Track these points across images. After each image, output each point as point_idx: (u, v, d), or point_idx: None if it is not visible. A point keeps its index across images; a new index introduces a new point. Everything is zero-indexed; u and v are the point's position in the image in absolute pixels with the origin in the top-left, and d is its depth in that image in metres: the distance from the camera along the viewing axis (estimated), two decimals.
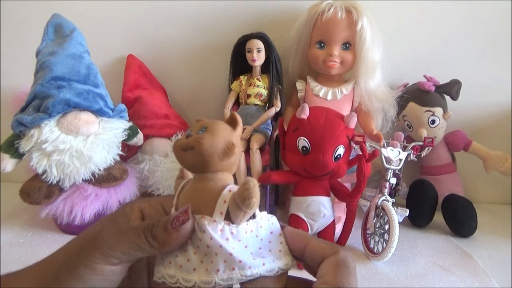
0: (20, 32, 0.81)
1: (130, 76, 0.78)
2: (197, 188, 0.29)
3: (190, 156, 0.29)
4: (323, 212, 0.61)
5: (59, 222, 0.63)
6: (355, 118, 0.62)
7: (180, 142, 0.29)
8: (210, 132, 0.29)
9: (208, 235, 0.26)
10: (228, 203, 0.27)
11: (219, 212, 0.27)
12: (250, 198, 0.25)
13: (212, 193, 0.28)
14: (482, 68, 0.82)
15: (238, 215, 0.27)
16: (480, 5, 0.78)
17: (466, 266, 0.60)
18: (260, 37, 0.70)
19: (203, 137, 0.28)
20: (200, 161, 0.28)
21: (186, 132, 0.30)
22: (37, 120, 0.58)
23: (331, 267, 0.27)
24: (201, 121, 0.31)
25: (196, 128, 0.30)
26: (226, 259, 0.26)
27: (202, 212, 0.27)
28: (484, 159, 0.79)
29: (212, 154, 0.28)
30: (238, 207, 0.26)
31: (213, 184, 0.29)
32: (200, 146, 0.28)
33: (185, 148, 0.29)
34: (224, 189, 0.28)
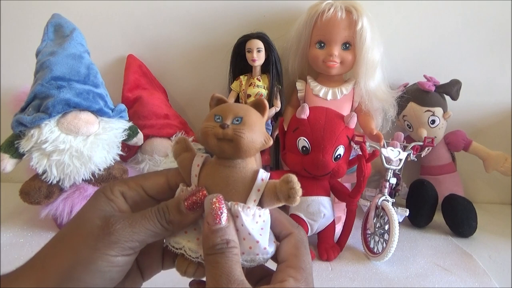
0: (20, 32, 0.81)
1: (130, 76, 0.78)
2: (226, 174, 0.29)
3: (225, 147, 0.28)
4: (323, 212, 0.61)
5: (59, 222, 0.63)
6: (355, 118, 0.62)
7: (216, 133, 0.28)
8: (248, 126, 0.28)
9: (240, 221, 0.27)
10: (261, 192, 0.28)
11: (253, 200, 0.28)
12: (295, 196, 0.27)
13: (245, 181, 0.29)
14: (482, 68, 0.82)
15: (273, 205, 0.29)
16: (480, 5, 0.78)
17: (466, 266, 0.60)
18: (260, 37, 0.70)
19: (243, 131, 0.28)
20: (236, 153, 0.28)
21: (214, 116, 0.29)
22: (37, 120, 0.58)
23: (292, 249, 0.29)
24: (230, 106, 0.30)
25: (229, 115, 0.29)
26: (252, 246, 0.28)
27: (234, 199, 0.28)
28: (484, 159, 0.79)
29: (250, 149, 0.28)
30: (277, 200, 0.28)
31: (244, 171, 0.29)
32: (240, 140, 0.28)
33: (222, 139, 0.28)
34: (257, 178, 0.28)
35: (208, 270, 0.26)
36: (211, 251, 0.26)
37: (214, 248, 0.26)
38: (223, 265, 0.25)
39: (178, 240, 0.29)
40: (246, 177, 0.29)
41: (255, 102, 0.31)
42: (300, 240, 0.30)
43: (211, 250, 0.26)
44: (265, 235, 0.29)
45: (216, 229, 0.26)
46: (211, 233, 0.26)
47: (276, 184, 0.28)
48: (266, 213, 0.29)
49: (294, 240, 0.29)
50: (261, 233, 0.28)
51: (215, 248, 0.26)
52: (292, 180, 0.27)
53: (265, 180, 0.29)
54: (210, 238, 0.26)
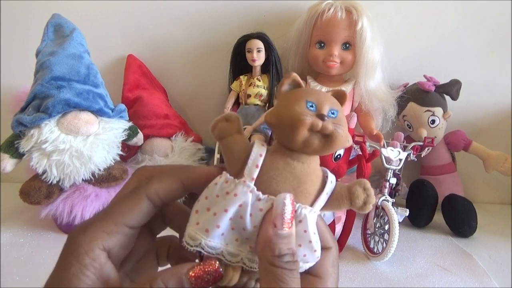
0: (20, 32, 0.81)
1: (130, 76, 0.78)
2: (300, 171, 0.25)
3: (316, 142, 0.24)
4: (323, 212, 0.61)
5: (59, 222, 0.63)
6: (355, 118, 0.62)
7: (313, 123, 0.24)
8: (344, 121, 0.25)
9: (304, 227, 0.24)
10: (329, 195, 0.26)
11: (319, 204, 0.26)
12: (371, 204, 0.25)
13: (317, 182, 0.26)
14: (482, 68, 0.82)
15: (334, 209, 0.27)
16: (480, 5, 0.78)
17: (466, 266, 0.60)
18: (260, 37, 0.70)
19: (341, 127, 0.25)
20: (324, 150, 0.25)
21: (306, 102, 0.25)
22: (37, 120, 0.58)
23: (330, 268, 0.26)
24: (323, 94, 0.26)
25: (325, 105, 0.25)
26: (307, 254, 0.25)
27: (302, 200, 0.25)
28: (484, 159, 0.79)
29: (341, 146, 0.25)
30: (347, 205, 0.26)
31: (316, 170, 0.26)
32: (338, 137, 0.24)
33: (316, 132, 0.24)
34: (328, 180, 0.26)
35: (268, 282, 0.23)
36: (278, 262, 0.22)
37: (282, 259, 0.23)
38: (288, 285, 0.22)
39: (215, 245, 0.24)
40: (318, 177, 0.26)
41: (337, 93, 0.27)
42: (336, 258, 0.27)
43: (277, 261, 0.22)
44: (319, 242, 0.26)
45: (283, 235, 0.23)
46: (277, 238, 0.23)
47: (350, 189, 0.26)
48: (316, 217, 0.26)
49: (332, 257, 0.27)
50: (317, 240, 0.25)
51: (282, 260, 0.23)
52: (369, 187, 0.25)
53: (333, 183, 0.26)
54: (276, 244, 0.23)
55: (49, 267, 0.23)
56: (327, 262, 0.26)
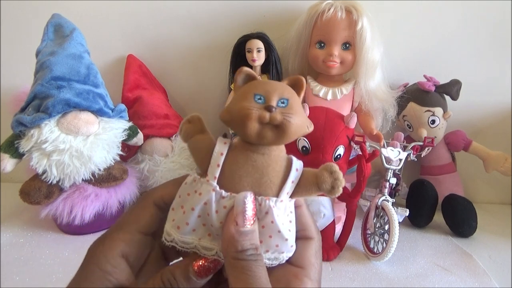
0: (20, 32, 0.81)
1: (130, 76, 0.78)
2: (261, 163, 0.25)
3: (268, 133, 0.25)
4: (323, 212, 0.61)
5: (59, 222, 0.63)
6: (355, 118, 0.62)
7: (261, 115, 0.24)
8: (295, 109, 0.25)
9: (271, 218, 0.25)
10: (295, 183, 0.26)
11: (286, 192, 0.25)
12: (340, 187, 0.25)
13: (280, 171, 0.26)
14: (482, 68, 0.82)
15: (307, 195, 0.26)
16: (480, 5, 0.78)
17: (466, 266, 0.60)
18: (260, 37, 0.70)
19: (292, 116, 0.24)
20: (278, 140, 0.25)
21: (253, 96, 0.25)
22: (37, 120, 0.58)
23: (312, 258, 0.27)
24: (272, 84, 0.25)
25: (274, 95, 0.25)
26: (279, 244, 0.25)
27: (267, 191, 0.25)
28: (484, 159, 0.79)
29: (294, 136, 0.25)
30: (317, 191, 0.25)
31: (279, 159, 0.26)
32: (289, 126, 0.24)
33: (267, 124, 0.24)
34: (292, 169, 0.26)
35: (236, 276, 0.24)
36: (241, 256, 0.24)
37: (245, 254, 0.24)
38: (255, 273, 0.23)
39: (188, 239, 0.25)
40: (281, 166, 0.26)
41: (293, 80, 0.27)
42: (319, 249, 0.28)
43: (241, 255, 0.24)
44: (294, 230, 0.26)
45: (245, 232, 0.24)
46: (239, 235, 0.24)
47: (316, 174, 0.25)
48: (293, 204, 0.26)
49: (315, 248, 0.27)
50: (290, 228, 0.26)
51: (245, 254, 0.24)
52: (336, 170, 0.25)
53: (299, 170, 0.26)
54: (238, 241, 0.24)
55: (49, 267, 0.23)
56: (309, 253, 0.27)
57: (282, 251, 0.25)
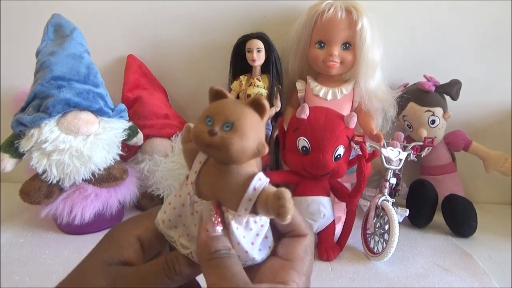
0: (20, 32, 0.81)
1: (130, 76, 0.78)
2: (219, 179, 0.27)
3: (215, 154, 0.26)
4: (323, 212, 0.61)
5: (59, 222, 0.63)
6: (355, 118, 0.62)
7: (203, 139, 0.25)
8: (239, 133, 0.25)
9: (231, 230, 0.26)
10: (253, 201, 0.26)
11: (244, 208, 0.26)
12: (286, 215, 0.24)
13: (237, 189, 0.26)
14: (482, 68, 0.82)
15: (266, 216, 0.27)
16: (480, 5, 0.78)
17: (466, 266, 0.60)
18: (260, 37, 0.70)
19: (232, 140, 0.25)
20: (225, 160, 0.26)
21: (205, 118, 0.26)
22: (37, 120, 0.58)
23: (301, 252, 0.28)
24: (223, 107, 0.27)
25: (219, 118, 0.26)
26: (241, 255, 0.27)
27: (226, 205, 0.27)
28: (484, 159, 0.79)
29: (240, 158, 0.26)
30: (268, 214, 0.26)
31: (237, 177, 0.27)
32: (228, 150, 0.25)
33: (209, 146, 0.25)
34: (249, 187, 0.26)
35: (211, 273, 0.25)
36: (215, 255, 0.25)
37: (219, 253, 0.25)
38: (229, 267, 0.25)
39: (171, 233, 0.28)
40: (238, 183, 0.26)
41: (253, 101, 0.27)
42: (310, 245, 0.29)
43: (214, 255, 0.25)
44: (258, 242, 0.27)
45: (216, 236, 0.26)
46: (211, 240, 0.26)
47: (268, 197, 0.25)
48: (264, 219, 0.27)
49: (305, 243, 0.29)
50: (253, 241, 0.27)
51: (219, 253, 0.25)
52: (284, 197, 0.24)
53: (257, 189, 0.26)
54: (210, 244, 0.25)
55: (49, 267, 0.24)
56: (299, 248, 0.28)
57: (246, 261, 0.27)
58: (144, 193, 0.74)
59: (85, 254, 0.28)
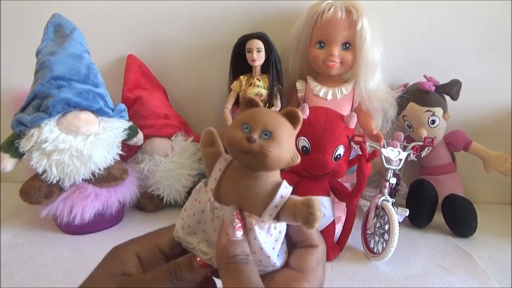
0: (20, 32, 0.81)
1: (130, 76, 0.78)
2: (247, 184, 0.28)
3: (251, 161, 0.27)
4: (323, 212, 0.61)
5: (59, 222, 0.63)
6: (355, 118, 0.62)
7: (242, 145, 0.26)
8: (277, 142, 0.26)
9: (253, 235, 0.27)
10: (278, 208, 0.27)
11: (269, 215, 0.27)
12: (314, 223, 0.25)
13: (264, 195, 0.27)
14: (482, 68, 0.82)
15: (289, 222, 0.28)
16: (480, 5, 0.78)
17: (466, 266, 0.60)
18: (260, 37, 0.70)
19: (271, 148, 0.26)
20: (261, 167, 0.27)
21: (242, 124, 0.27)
22: (37, 120, 0.58)
23: (313, 263, 0.28)
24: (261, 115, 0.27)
25: (258, 127, 0.26)
26: (263, 260, 0.27)
27: (250, 211, 0.27)
28: (484, 159, 0.79)
29: (276, 166, 0.27)
30: (295, 221, 0.27)
31: (264, 184, 0.28)
32: (266, 158, 0.26)
33: (248, 153, 0.26)
34: (276, 195, 0.27)
35: (228, 277, 0.26)
36: (233, 260, 0.26)
37: (236, 258, 0.26)
38: (246, 273, 0.25)
39: (190, 240, 0.29)
40: (266, 190, 0.27)
41: (288, 112, 0.28)
42: (322, 256, 0.29)
43: (233, 259, 0.26)
44: (277, 248, 0.28)
45: (236, 241, 0.26)
46: (230, 244, 0.26)
47: (296, 204, 0.26)
48: (283, 224, 0.28)
49: (317, 255, 0.29)
50: (274, 246, 0.28)
51: (237, 258, 0.26)
52: (314, 205, 0.25)
53: (284, 197, 0.27)
54: (229, 248, 0.26)
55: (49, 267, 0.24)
56: (311, 259, 0.29)
57: (266, 266, 0.28)
58: (144, 193, 0.74)
59: (85, 254, 0.28)
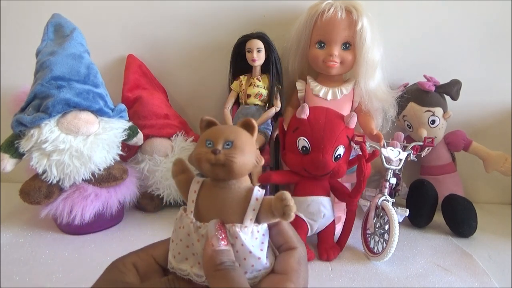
0: (20, 32, 0.81)
1: (130, 76, 0.78)
2: (222, 196, 0.30)
3: (219, 171, 0.29)
4: (323, 212, 0.61)
5: (59, 222, 0.63)
6: (355, 118, 0.62)
7: (208, 159, 0.29)
8: (239, 149, 0.29)
9: (240, 241, 0.28)
10: (257, 211, 0.29)
11: (249, 219, 0.29)
12: (290, 212, 0.27)
13: (240, 201, 0.30)
14: (482, 68, 0.82)
15: (269, 221, 0.30)
16: (480, 5, 0.78)
17: (466, 266, 0.60)
18: (260, 37, 0.70)
19: (235, 155, 0.29)
20: (229, 176, 0.30)
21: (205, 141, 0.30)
22: (37, 120, 0.58)
23: (294, 264, 0.30)
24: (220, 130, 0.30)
25: (220, 139, 0.29)
26: (254, 263, 0.29)
27: (231, 220, 0.29)
28: (484, 159, 0.79)
29: (243, 171, 0.30)
30: (273, 217, 0.29)
31: (238, 191, 0.30)
32: (232, 165, 0.29)
33: (215, 164, 0.29)
34: (251, 198, 0.29)
35: (217, 283, 0.27)
36: (220, 267, 0.27)
37: (224, 265, 0.27)
38: (235, 278, 0.26)
39: (183, 267, 0.30)
40: (240, 196, 0.30)
41: (243, 122, 0.31)
42: (303, 257, 0.31)
43: (219, 266, 0.27)
44: (265, 248, 0.30)
45: (221, 250, 0.28)
46: (216, 253, 0.27)
47: (270, 202, 0.29)
48: (264, 227, 0.30)
49: (298, 256, 0.31)
50: (261, 248, 0.30)
51: (224, 265, 0.27)
52: (286, 197, 0.28)
53: (259, 199, 0.30)
54: (216, 257, 0.27)
55: (49, 267, 0.24)
56: (292, 260, 0.30)
57: (259, 269, 0.29)
58: (144, 193, 0.74)
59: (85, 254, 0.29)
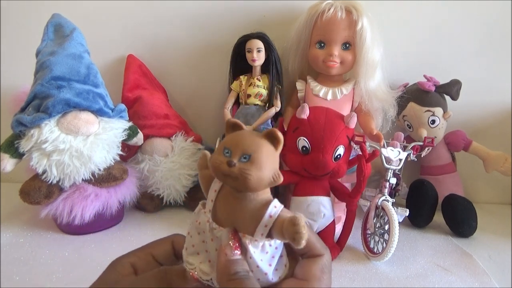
0: (20, 32, 0.81)
1: (130, 76, 0.78)
2: (235, 206, 0.29)
3: (232, 184, 0.28)
4: (323, 212, 0.61)
5: (59, 222, 0.63)
6: (355, 118, 0.62)
7: (222, 169, 0.27)
8: (256, 164, 0.27)
9: (249, 254, 0.28)
10: (269, 227, 0.28)
11: (260, 234, 0.28)
12: (300, 240, 0.26)
13: (253, 216, 0.28)
14: (482, 68, 0.82)
15: (282, 240, 0.28)
16: (480, 5, 0.78)
17: (466, 266, 0.60)
18: (260, 37, 0.70)
19: (250, 171, 0.27)
20: (243, 190, 0.28)
21: (223, 149, 0.28)
22: (37, 120, 0.58)
23: (318, 272, 0.29)
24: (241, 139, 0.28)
25: (237, 151, 0.27)
26: (260, 278, 0.28)
27: (243, 231, 0.28)
28: (484, 159, 0.79)
29: (257, 187, 0.28)
30: (283, 238, 0.27)
31: (253, 204, 0.28)
32: (246, 181, 0.27)
33: (228, 176, 0.27)
34: (265, 214, 0.28)
35: None
36: (235, 276, 0.27)
37: (238, 274, 0.27)
38: (248, 286, 0.26)
39: (192, 260, 0.30)
40: (254, 209, 0.28)
41: (269, 133, 0.29)
42: (327, 265, 0.30)
43: (233, 276, 0.27)
44: (274, 263, 0.29)
45: (235, 260, 0.27)
46: (229, 263, 0.27)
47: (283, 223, 0.27)
48: (278, 241, 0.29)
49: (322, 263, 0.30)
50: (270, 263, 0.29)
51: (238, 274, 0.27)
52: (299, 223, 0.26)
53: (273, 216, 0.28)
54: (230, 267, 0.27)
55: (49, 267, 0.24)
56: (315, 267, 0.29)
57: (265, 283, 0.29)
58: (144, 193, 0.74)
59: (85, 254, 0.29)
